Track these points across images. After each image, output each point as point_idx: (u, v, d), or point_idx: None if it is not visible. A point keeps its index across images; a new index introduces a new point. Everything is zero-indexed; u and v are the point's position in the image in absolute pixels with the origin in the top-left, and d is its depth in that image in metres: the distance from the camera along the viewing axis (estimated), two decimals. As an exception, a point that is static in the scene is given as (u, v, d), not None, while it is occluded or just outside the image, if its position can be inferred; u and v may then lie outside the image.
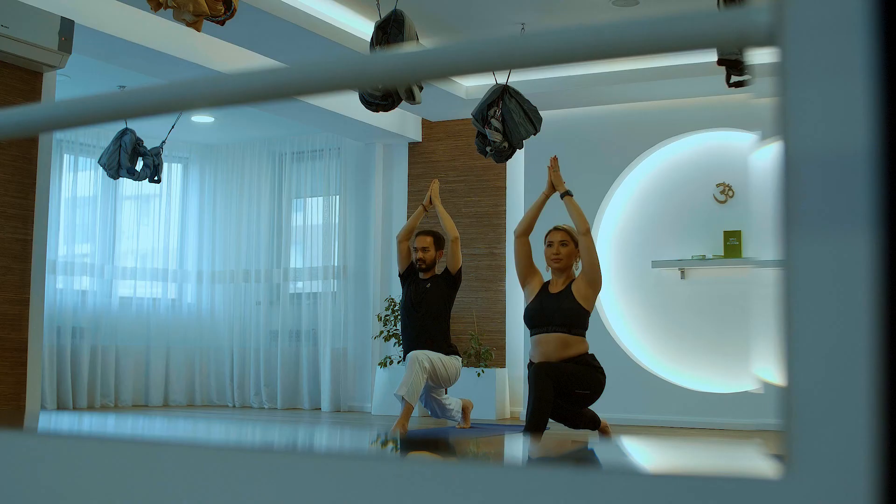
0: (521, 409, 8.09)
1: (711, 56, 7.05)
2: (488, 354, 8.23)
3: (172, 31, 6.29)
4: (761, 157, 7.45)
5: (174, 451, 0.82)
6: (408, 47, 5.35)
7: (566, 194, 5.11)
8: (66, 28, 4.86)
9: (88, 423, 4.51)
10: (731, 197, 7.74)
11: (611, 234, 8.08)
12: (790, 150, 0.62)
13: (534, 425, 4.50)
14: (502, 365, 8.45)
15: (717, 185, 7.79)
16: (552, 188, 5.21)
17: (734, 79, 4.71)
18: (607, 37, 0.76)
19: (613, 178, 8.04)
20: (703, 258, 7.70)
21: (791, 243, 0.61)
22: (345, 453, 0.82)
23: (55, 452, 0.91)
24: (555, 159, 5.27)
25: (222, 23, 4.21)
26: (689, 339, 7.78)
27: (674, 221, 7.93)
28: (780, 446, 0.63)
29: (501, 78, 6.81)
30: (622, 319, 8.03)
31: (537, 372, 4.65)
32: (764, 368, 7.44)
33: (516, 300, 8.41)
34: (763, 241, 7.59)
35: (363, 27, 6.69)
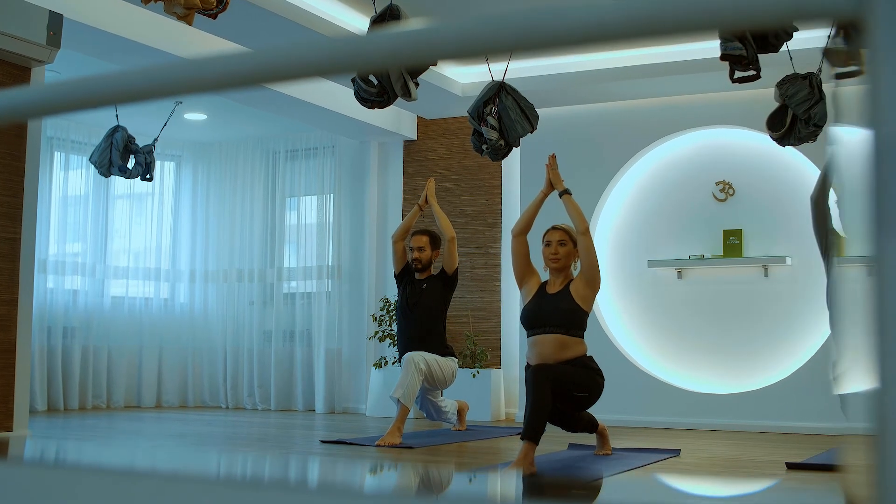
0: (517, 411, 8.01)
1: (710, 52, 6.99)
2: (484, 355, 8.15)
3: (164, 25, 6.19)
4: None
5: (162, 485, 0.73)
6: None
7: (565, 193, 5.02)
8: (55, 22, 4.77)
9: (78, 448, 4.41)
10: (732, 195, 7.67)
11: (607, 234, 8.00)
12: (882, 138, 0.52)
13: (532, 429, 4.40)
14: (498, 366, 8.37)
15: (717, 184, 7.72)
16: (550, 186, 5.12)
17: (738, 74, 4.63)
18: (653, 11, 0.66)
19: (611, 177, 7.96)
20: (702, 258, 7.62)
21: (883, 242, 0.52)
22: (335, 488, 0.73)
23: (40, 485, 0.82)
24: (553, 157, 5.19)
25: (214, 16, 4.11)
26: (686, 339, 7.71)
27: (672, 220, 7.85)
28: (867, 483, 0.54)
29: (498, 75, 6.72)
30: (618, 319, 7.96)
31: (535, 374, 4.55)
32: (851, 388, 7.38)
33: (512, 300, 8.33)
34: (765, 240, 7.52)
35: (358, 22, 6.60)
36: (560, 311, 4.82)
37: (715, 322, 7.63)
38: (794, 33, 4.69)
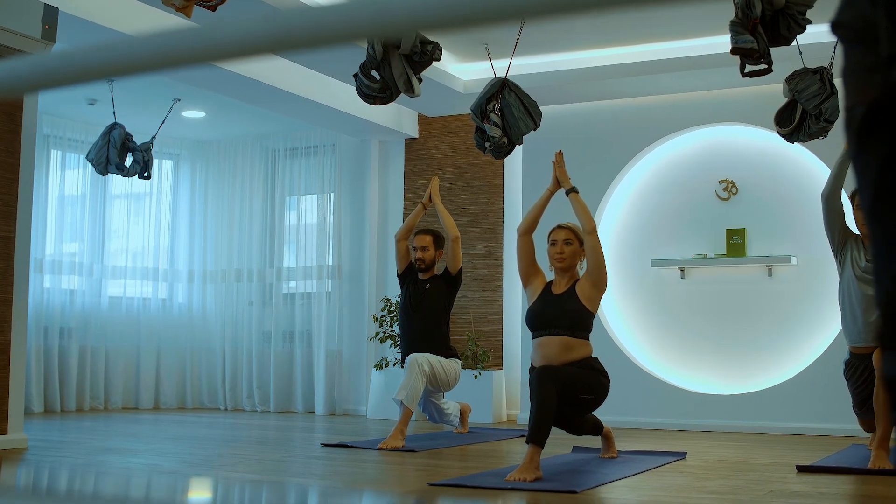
0: (518, 413, 7.92)
1: (713, 48, 6.90)
2: (485, 356, 8.04)
3: (161, 18, 6.08)
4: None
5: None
6: (406, 39, 5.17)
7: (571, 191, 4.91)
8: (50, 15, 4.67)
9: (71, 473, 4.30)
10: (735, 194, 7.58)
11: (610, 233, 7.91)
12: None
13: (537, 433, 4.30)
14: (499, 367, 8.27)
15: (720, 182, 7.63)
16: (557, 184, 5.00)
17: (749, 68, 4.53)
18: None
19: (614, 175, 7.87)
20: (705, 257, 7.53)
21: None
22: None
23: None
24: (560, 154, 5.07)
25: (213, 8, 4.01)
26: (690, 339, 7.62)
27: (675, 219, 7.77)
28: None
29: (500, 72, 6.63)
30: (620, 319, 7.87)
31: (540, 377, 4.45)
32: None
33: (514, 301, 8.23)
34: (769, 239, 7.43)
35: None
36: (565, 312, 4.72)
37: (719, 322, 7.54)
38: (807, 26, 4.59)
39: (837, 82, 5.40)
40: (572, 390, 4.55)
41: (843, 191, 5.09)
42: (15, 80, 0.94)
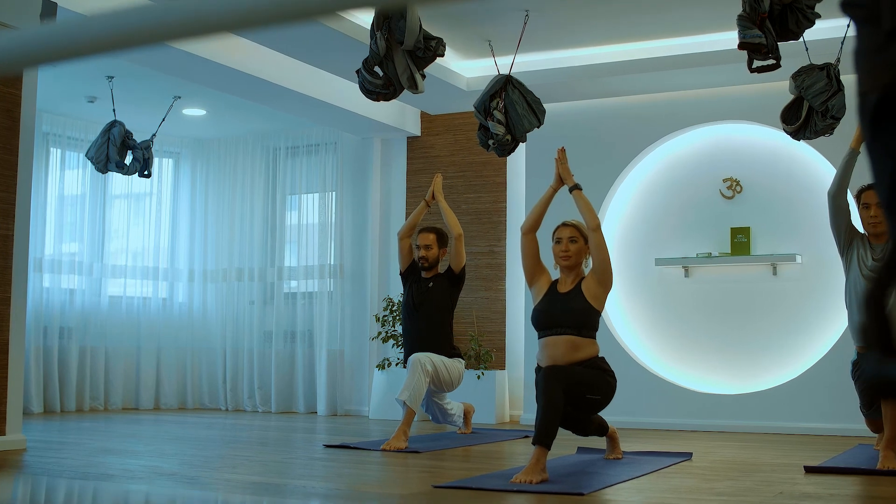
0: (522, 413, 7.86)
1: (718, 45, 6.85)
2: (488, 356, 7.98)
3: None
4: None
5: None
6: (410, 35, 5.11)
7: (575, 188, 4.84)
8: (49, 10, 4.61)
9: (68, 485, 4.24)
10: (739, 192, 7.52)
11: (614, 231, 7.85)
12: None
13: (544, 434, 4.23)
14: (502, 367, 8.21)
15: (724, 181, 7.57)
16: (560, 182, 4.93)
17: (757, 63, 4.46)
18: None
19: (617, 173, 7.82)
20: (709, 256, 7.48)
21: None
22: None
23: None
24: (562, 151, 4.99)
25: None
26: (694, 339, 7.56)
27: (679, 218, 7.71)
28: None
29: (504, 69, 6.58)
30: (624, 318, 7.81)
31: (547, 377, 4.38)
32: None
33: (517, 300, 8.18)
34: (773, 238, 7.38)
35: (367, 15, 6.44)
36: (572, 311, 4.65)
37: (723, 321, 7.49)
38: (816, 20, 4.53)
39: (844, 79, 5.34)
40: (579, 390, 4.49)
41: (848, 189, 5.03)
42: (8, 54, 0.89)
